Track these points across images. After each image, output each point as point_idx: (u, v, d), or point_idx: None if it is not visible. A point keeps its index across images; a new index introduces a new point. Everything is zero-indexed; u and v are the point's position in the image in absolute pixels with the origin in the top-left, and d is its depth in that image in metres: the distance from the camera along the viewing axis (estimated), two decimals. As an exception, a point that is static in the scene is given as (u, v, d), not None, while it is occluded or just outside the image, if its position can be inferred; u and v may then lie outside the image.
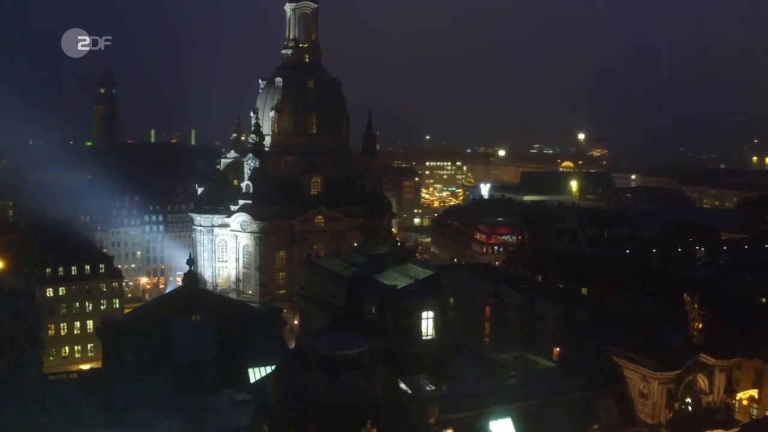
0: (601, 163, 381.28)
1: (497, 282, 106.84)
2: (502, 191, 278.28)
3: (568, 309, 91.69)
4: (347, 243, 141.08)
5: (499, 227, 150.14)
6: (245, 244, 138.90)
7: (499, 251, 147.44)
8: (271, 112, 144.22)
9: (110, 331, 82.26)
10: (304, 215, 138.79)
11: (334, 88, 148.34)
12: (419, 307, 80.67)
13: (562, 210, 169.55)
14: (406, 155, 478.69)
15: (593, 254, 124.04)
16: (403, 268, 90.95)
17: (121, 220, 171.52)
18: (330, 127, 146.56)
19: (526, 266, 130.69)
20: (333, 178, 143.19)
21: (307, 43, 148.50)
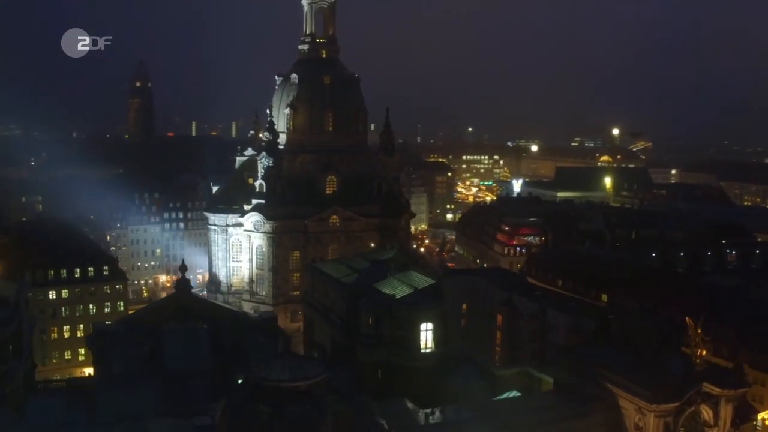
0: (640, 157, 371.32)
1: (511, 288, 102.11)
2: (536, 187, 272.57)
3: (580, 319, 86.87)
4: (363, 244, 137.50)
5: (521, 228, 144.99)
6: (258, 244, 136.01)
7: (521, 253, 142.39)
8: (287, 109, 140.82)
9: (100, 340, 79.98)
10: (318, 215, 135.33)
11: (352, 85, 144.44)
12: (417, 318, 76.88)
13: (590, 209, 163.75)
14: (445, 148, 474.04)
15: (615, 258, 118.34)
16: (405, 275, 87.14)
17: (141, 217, 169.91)
18: (347, 125, 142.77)
19: (547, 270, 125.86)
20: (349, 176, 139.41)
21: (325, 39, 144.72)
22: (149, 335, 78.07)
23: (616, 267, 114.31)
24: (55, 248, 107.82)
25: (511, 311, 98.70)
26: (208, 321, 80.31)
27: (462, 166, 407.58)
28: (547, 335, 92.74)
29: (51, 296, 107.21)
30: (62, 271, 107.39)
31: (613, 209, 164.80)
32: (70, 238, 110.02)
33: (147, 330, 79.42)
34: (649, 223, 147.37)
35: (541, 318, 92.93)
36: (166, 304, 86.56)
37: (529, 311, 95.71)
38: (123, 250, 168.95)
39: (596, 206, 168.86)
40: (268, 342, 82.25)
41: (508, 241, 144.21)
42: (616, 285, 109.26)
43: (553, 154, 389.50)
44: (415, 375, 76.22)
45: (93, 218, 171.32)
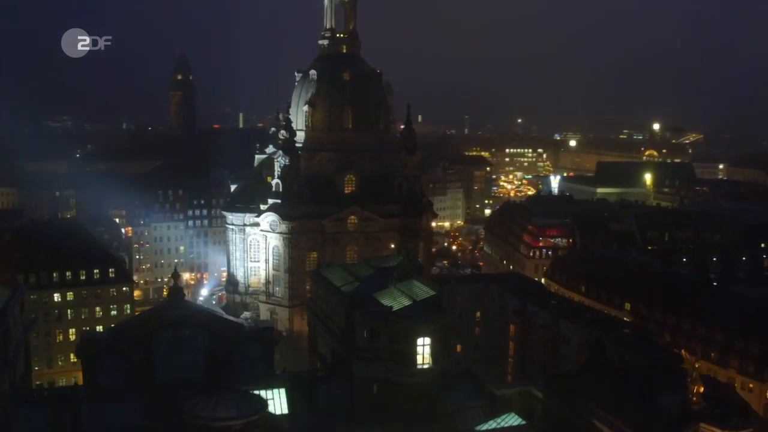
0: (688, 151, 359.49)
1: (526, 296, 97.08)
2: (575, 183, 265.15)
3: (594, 333, 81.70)
4: (382, 245, 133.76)
5: (548, 229, 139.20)
6: (275, 245, 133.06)
7: (547, 255, 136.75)
8: (305, 106, 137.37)
9: (90, 349, 77.85)
10: (336, 215, 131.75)
11: (373, 81, 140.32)
12: (414, 332, 72.87)
13: (624, 209, 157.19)
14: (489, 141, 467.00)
15: (641, 264, 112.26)
16: (407, 285, 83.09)
17: (164, 214, 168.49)
18: (367, 122, 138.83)
19: (570, 275, 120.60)
20: (369, 175, 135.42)
21: (345, 33, 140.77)
22: (140, 344, 75.75)
23: (640, 273, 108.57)
24: (60, 249, 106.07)
25: (524, 321, 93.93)
26: (202, 330, 77.56)
27: (505, 159, 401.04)
28: (559, 348, 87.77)
29: (56, 298, 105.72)
30: (67, 273, 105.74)
31: (647, 209, 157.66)
32: (77, 240, 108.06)
33: (138, 338, 77.12)
34: (683, 224, 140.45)
35: (554, 330, 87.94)
36: (158, 312, 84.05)
37: (541, 322, 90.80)
38: (146, 248, 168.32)
39: (630, 206, 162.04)
40: (262, 354, 79.29)
41: (533, 242, 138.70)
42: (640, 293, 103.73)
43: (598, 147, 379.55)
44: (411, 391, 72.60)
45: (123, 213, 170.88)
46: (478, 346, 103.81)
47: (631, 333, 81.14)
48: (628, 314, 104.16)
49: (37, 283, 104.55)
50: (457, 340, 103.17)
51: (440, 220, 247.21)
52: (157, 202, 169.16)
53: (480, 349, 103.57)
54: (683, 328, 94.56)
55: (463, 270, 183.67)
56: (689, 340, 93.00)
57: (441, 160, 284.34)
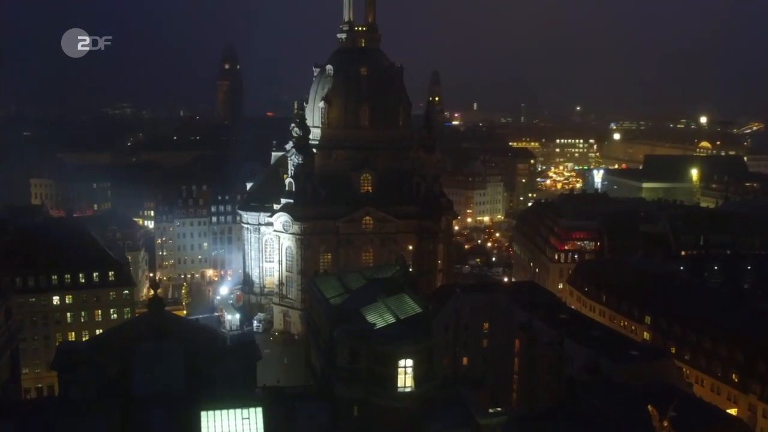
0: (744, 143, 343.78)
1: (535, 309, 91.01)
2: (620, 176, 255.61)
3: (597, 354, 75.83)
4: (399, 247, 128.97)
5: (574, 231, 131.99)
6: (288, 245, 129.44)
7: (573, 259, 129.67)
8: (321, 102, 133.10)
9: (66, 361, 75.20)
10: (350, 216, 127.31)
11: (392, 76, 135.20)
12: (395, 354, 68.23)
13: (660, 209, 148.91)
14: (543, 130, 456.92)
15: (665, 273, 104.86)
16: (397, 300, 78.42)
17: (187, 210, 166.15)
18: (385, 119, 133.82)
19: (591, 283, 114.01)
20: (387, 174, 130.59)
21: (364, 26, 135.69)
22: (119, 356, 73.00)
23: (663, 284, 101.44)
24: (60, 252, 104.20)
25: (529, 337, 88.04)
26: (183, 342, 74.36)
27: (556, 150, 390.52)
28: (563, 368, 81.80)
29: (55, 301, 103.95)
30: (66, 275, 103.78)
31: (684, 209, 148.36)
32: (77, 241, 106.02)
33: (117, 350, 74.39)
34: (721, 226, 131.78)
35: (558, 349, 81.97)
36: (139, 323, 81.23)
37: (546, 339, 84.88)
38: (169, 244, 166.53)
39: (667, 205, 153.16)
40: (243, 369, 75.41)
41: (559, 245, 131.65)
42: (661, 306, 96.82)
43: (651, 138, 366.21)
44: (392, 416, 68.34)
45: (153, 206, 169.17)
46: (486, 359, 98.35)
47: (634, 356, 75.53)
48: (648, 328, 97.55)
49: (36, 286, 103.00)
50: (464, 352, 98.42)
51: (480, 214, 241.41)
52: (181, 198, 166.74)
53: (488, 362, 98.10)
54: (703, 347, 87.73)
55: (495, 269, 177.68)
56: (709, 359, 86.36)
57: (483, 152, 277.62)
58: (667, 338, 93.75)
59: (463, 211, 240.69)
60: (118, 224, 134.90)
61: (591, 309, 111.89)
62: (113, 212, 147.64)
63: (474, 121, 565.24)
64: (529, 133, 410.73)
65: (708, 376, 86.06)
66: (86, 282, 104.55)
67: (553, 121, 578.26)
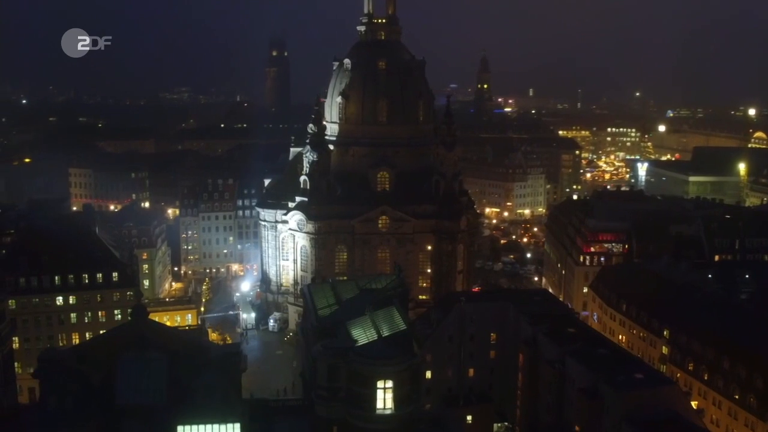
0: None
1: (542, 322, 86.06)
2: (666, 168, 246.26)
3: (597, 378, 70.98)
4: (416, 247, 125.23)
5: (601, 232, 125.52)
6: (302, 245, 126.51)
7: (600, 262, 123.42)
8: (339, 97, 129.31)
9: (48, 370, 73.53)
10: (365, 215, 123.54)
11: (412, 70, 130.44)
12: (373, 374, 64.64)
13: (698, 208, 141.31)
14: (599, 117, 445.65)
15: (690, 282, 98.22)
16: (385, 313, 74.49)
17: (212, 203, 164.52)
18: (403, 115, 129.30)
19: (612, 290, 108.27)
20: (404, 172, 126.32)
21: (384, 19, 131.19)
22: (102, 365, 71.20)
23: (686, 294, 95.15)
24: (64, 252, 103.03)
25: (533, 352, 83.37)
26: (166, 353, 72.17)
27: (607, 138, 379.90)
28: (565, 389, 76.98)
29: (58, 302, 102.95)
30: (70, 276, 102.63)
31: (722, 209, 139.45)
32: (81, 242, 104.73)
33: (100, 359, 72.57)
34: (760, 229, 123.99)
35: (559, 368, 77.08)
36: (122, 332, 79.08)
37: (549, 356, 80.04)
38: (194, 238, 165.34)
39: (705, 204, 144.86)
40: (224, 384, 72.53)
41: (584, 247, 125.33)
42: (680, 319, 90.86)
43: (706, 127, 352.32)
44: (368, 440, 64.65)
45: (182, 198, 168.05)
46: (493, 370, 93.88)
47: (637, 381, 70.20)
48: (666, 342, 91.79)
49: (40, 286, 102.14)
50: (470, 363, 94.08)
51: (520, 207, 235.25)
52: (206, 191, 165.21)
53: (495, 374, 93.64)
54: (721, 367, 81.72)
55: (527, 268, 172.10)
56: (726, 381, 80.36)
57: (527, 143, 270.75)
58: (684, 354, 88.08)
59: (503, 204, 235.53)
60: (135, 220, 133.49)
61: (612, 317, 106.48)
62: (131, 208, 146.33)
63: (528, 107, 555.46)
64: (580, 121, 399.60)
65: (725, 399, 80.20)
66: (89, 283, 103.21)
67: (610, 107, 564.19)
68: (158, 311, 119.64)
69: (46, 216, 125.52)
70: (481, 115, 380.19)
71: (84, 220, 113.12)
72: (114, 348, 72.82)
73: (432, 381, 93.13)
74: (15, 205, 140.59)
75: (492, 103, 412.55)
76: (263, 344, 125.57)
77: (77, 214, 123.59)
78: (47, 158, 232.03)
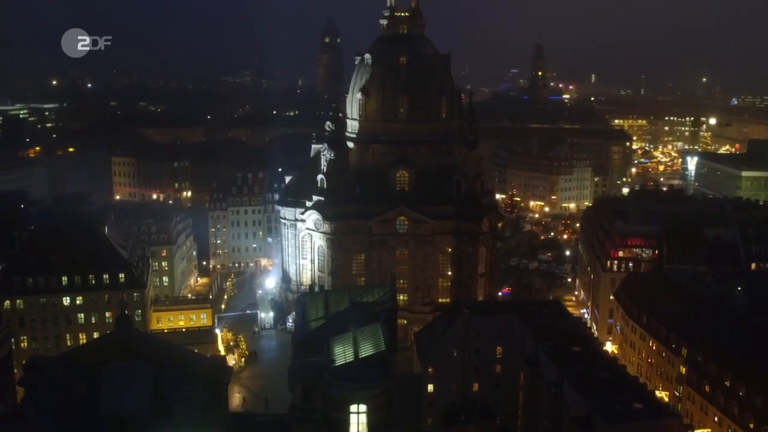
0: None
1: (546, 339, 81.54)
2: (717, 162, 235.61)
3: (591, 407, 66.50)
4: (436, 249, 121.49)
5: (630, 236, 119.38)
6: (319, 244, 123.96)
7: (628, 268, 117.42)
8: (359, 93, 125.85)
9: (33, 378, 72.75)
10: (382, 215, 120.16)
11: (435, 65, 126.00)
12: (346, 398, 61.33)
13: (740, 210, 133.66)
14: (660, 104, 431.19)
15: (711, 298, 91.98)
16: (371, 331, 71.08)
17: (241, 197, 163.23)
18: (425, 111, 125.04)
19: (634, 301, 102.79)
20: (425, 171, 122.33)
21: (407, 12, 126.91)
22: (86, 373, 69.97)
23: (709, 309, 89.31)
24: (71, 253, 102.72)
25: (533, 372, 79.05)
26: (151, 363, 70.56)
27: (665, 128, 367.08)
28: (562, 415, 72.48)
29: (65, 302, 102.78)
30: (76, 277, 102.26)
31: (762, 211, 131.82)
32: (89, 242, 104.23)
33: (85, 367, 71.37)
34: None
35: (556, 392, 72.64)
36: (108, 341, 77.70)
37: (548, 377, 75.66)
38: (223, 232, 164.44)
39: (748, 206, 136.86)
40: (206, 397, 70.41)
41: (612, 252, 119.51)
42: (700, 337, 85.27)
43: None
44: (342, 469, 61.65)
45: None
46: (499, 385, 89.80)
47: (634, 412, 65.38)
48: (684, 362, 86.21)
49: (47, 286, 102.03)
50: (474, 377, 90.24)
51: (565, 201, 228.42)
52: (235, 185, 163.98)
53: (501, 389, 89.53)
54: (737, 393, 75.99)
55: (564, 266, 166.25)
56: (741, 408, 74.69)
57: (576, 134, 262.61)
58: (701, 377, 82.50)
59: (547, 198, 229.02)
60: (155, 216, 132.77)
61: (633, 330, 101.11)
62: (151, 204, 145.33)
63: (588, 94, 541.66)
64: (638, 109, 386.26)
65: (740, 429, 74.63)
66: (96, 283, 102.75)
67: (673, 94, 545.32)
68: (173, 310, 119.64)
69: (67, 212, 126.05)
70: (535, 103, 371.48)
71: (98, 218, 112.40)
72: (99, 357, 71.69)
73: (434, 395, 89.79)
74: (42, 200, 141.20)
75: (547, 91, 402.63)
76: (280, 344, 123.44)
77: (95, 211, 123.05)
78: (91, 148, 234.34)
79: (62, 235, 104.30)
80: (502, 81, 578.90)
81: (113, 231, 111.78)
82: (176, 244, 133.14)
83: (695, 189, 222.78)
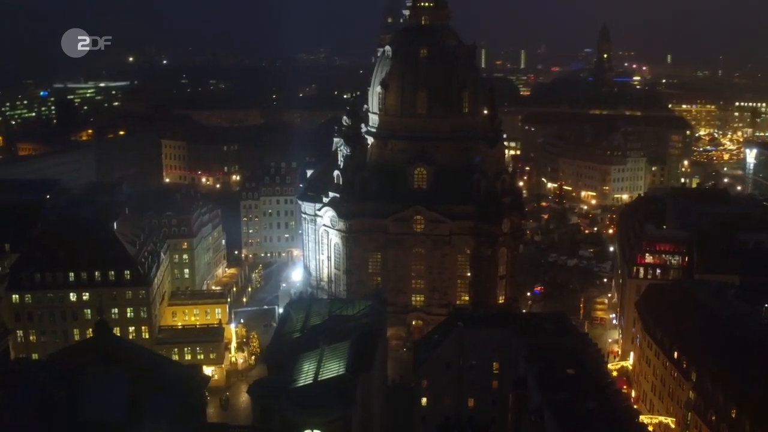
0: None
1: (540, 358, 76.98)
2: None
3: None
4: (454, 250, 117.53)
5: (659, 241, 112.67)
6: (335, 242, 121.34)
7: (655, 276, 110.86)
8: (378, 87, 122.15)
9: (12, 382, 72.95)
10: (398, 214, 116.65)
11: (458, 57, 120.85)
12: (300, 423, 59.37)
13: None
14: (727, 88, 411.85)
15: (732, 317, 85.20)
16: (340, 348, 68.76)
17: (273, 187, 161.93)
18: (445, 106, 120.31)
19: (651, 314, 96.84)
20: (444, 169, 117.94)
21: (429, 2, 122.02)
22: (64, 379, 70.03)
23: (727, 329, 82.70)
24: (78, 249, 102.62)
25: (521, 396, 74.86)
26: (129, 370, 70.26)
27: (734, 114, 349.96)
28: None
29: (72, 298, 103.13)
30: (82, 273, 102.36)
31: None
32: (97, 239, 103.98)
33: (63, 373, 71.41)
34: None
35: (537, 422, 68.41)
36: (86, 347, 77.29)
37: (533, 403, 71.47)
38: (255, 221, 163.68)
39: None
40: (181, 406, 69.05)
41: (639, 258, 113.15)
42: (712, 360, 79.20)
43: None
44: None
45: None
46: (495, 402, 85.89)
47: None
48: (693, 387, 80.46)
49: (54, 282, 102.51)
50: (470, 393, 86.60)
51: (618, 192, 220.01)
52: (268, 175, 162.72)
53: (497, 407, 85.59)
54: (742, 428, 70.21)
55: (605, 264, 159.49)
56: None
57: (632, 122, 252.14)
58: (708, 405, 76.77)
59: (599, 188, 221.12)
60: (175, 209, 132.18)
61: (649, 346, 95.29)
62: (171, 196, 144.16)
63: (662, 76, 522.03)
64: (707, 93, 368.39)
65: (741, 464, 69.11)
66: (102, 280, 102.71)
67: (753, 76, 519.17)
68: (188, 304, 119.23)
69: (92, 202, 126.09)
70: (599, 86, 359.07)
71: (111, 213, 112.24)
72: (77, 362, 71.36)
73: (427, 409, 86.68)
74: (71, 189, 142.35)
75: (613, 73, 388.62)
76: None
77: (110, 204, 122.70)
78: (141, 130, 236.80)
79: (70, 231, 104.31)
80: (574, 61, 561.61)
81: (125, 225, 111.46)
82: (197, 236, 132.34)
83: (756, 182, 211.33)
